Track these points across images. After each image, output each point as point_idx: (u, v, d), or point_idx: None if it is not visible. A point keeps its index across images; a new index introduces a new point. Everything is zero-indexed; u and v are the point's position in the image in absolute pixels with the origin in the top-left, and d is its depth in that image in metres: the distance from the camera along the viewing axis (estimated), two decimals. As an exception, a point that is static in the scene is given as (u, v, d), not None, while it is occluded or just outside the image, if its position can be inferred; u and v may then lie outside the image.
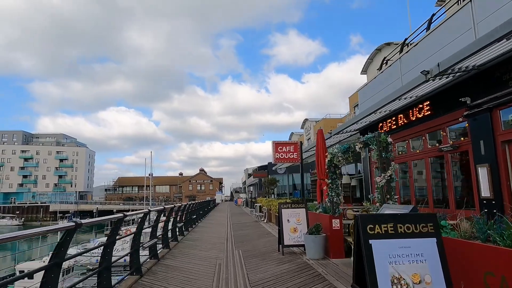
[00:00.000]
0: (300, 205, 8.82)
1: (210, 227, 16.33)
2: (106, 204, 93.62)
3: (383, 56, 30.16)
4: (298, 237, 8.48)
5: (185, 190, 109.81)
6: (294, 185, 39.65)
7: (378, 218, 3.06)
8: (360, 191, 23.72)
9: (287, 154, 12.83)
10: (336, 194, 7.95)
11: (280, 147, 12.88)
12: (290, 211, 8.73)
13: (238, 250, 9.26)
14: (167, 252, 8.92)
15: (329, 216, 7.93)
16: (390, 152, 5.84)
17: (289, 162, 12.94)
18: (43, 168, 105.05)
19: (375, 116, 11.68)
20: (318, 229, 7.95)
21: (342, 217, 8.03)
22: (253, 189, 60.36)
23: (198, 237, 12.13)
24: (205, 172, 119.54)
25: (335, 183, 8.03)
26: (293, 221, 8.63)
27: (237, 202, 55.39)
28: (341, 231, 7.85)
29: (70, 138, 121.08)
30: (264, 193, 32.25)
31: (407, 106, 10.17)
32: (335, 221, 7.84)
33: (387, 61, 14.39)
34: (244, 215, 26.32)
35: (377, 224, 2.94)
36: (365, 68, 33.83)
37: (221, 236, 12.68)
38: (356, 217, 3.05)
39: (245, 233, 13.41)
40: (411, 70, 10.37)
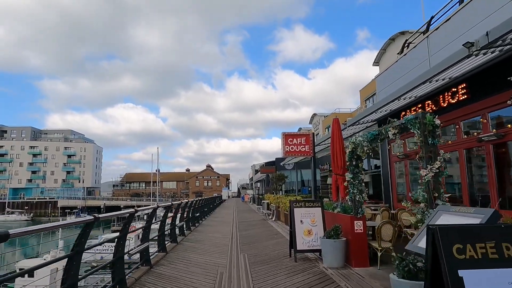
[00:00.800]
0: (315, 204, 7.63)
1: (215, 226, 15.23)
2: (113, 200, 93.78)
3: (397, 46, 28.72)
4: (313, 241, 7.31)
5: (192, 186, 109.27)
6: (302, 181, 38.45)
7: (470, 232, 1.83)
8: (373, 188, 22.44)
9: (298, 146, 11.64)
10: (358, 192, 6.74)
11: (291, 139, 11.69)
12: (304, 210, 7.55)
13: (243, 255, 8.11)
14: (163, 256, 7.82)
15: (350, 217, 6.74)
16: (438, 138, 4.61)
17: (300, 155, 11.76)
18: (51, 164, 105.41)
19: (397, 103, 10.40)
20: (338, 232, 6.76)
21: (365, 218, 6.82)
22: (260, 186, 59.32)
23: (200, 238, 11.03)
24: (212, 168, 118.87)
25: (357, 179, 6.82)
26: (307, 222, 7.46)
27: (244, 199, 54.38)
28: (364, 234, 6.66)
29: (78, 134, 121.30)
30: (272, 189, 31.11)
31: (437, 90, 8.88)
32: (357, 223, 6.65)
33: (409, 44, 13.05)
34: (251, 212, 25.22)
35: (469, 243, 1.73)
36: (378, 59, 32.35)
37: (225, 236, 11.56)
38: (432, 229, 1.83)
39: (252, 233, 12.28)
40: (443, 49, 9.07)
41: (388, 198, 12.23)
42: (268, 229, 13.51)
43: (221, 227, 14.77)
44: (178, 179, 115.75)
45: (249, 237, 11.31)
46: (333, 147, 10.01)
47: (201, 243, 9.96)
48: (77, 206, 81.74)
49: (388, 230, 6.50)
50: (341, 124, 13.69)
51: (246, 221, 17.38)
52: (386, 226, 6.51)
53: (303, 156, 11.54)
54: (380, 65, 31.95)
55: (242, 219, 18.61)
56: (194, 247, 9.26)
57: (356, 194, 6.73)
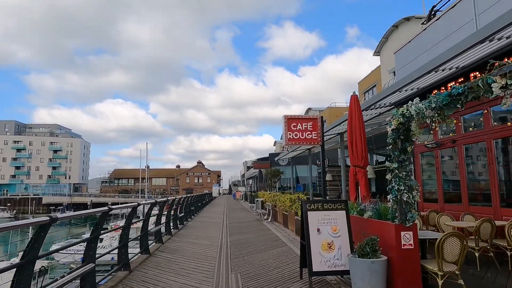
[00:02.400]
0: (337, 206, 5.42)
1: (201, 228, 12.97)
2: (101, 196, 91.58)
3: (401, 34, 26.67)
4: (335, 259, 5.11)
5: (182, 183, 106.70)
6: (297, 178, 36.42)
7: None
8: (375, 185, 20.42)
9: (304, 133, 9.47)
10: (407, 189, 4.56)
11: (294, 124, 9.49)
12: (322, 215, 5.34)
13: (235, 275, 5.88)
14: (121, 279, 5.54)
15: (394, 226, 4.56)
16: None
17: (307, 144, 9.57)
18: (36, 159, 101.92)
19: (430, 78, 8.26)
20: (375, 247, 4.59)
21: (417, 229, 4.63)
22: (252, 182, 57.25)
23: (180, 247, 8.76)
24: (203, 164, 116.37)
25: (404, 169, 4.62)
26: (327, 231, 5.26)
27: (235, 196, 52.17)
28: (416, 252, 4.49)
29: (64, 128, 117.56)
30: (266, 186, 28.94)
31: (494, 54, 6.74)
32: (406, 235, 4.48)
33: (435, 12, 10.91)
34: (243, 211, 22.99)
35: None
36: (379, 48, 30.32)
37: (212, 243, 9.32)
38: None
39: (246, 239, 10.06)
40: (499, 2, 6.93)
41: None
42: (265, 233, 11.30)
43: (209, 230, 12.52)
44: (168, 176, 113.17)
45: (242, 244, 9.09)
46: (351, 131, 7.85)
47: (181, 255, 7.70)
48: (62, 203, 79.35)
49: (454, 246, 4.34)
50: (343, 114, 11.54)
51: (238, 222, 15.15)
52: (451, 240, 4.34)
53: (309, 145, 9.39)
54: (381, 55, 29.96)
55: (234, 220, 16.38)
56: (170, 262, 6.99)
57: (404, 192, 4.54)
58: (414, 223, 4.53)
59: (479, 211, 7.28)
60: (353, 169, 7.66)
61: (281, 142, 70.28)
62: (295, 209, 11.10)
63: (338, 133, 13.77)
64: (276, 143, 71.42)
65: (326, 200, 5.48)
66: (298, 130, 9.54)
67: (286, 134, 9.44)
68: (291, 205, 11.85)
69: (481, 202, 7.60)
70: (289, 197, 12.57)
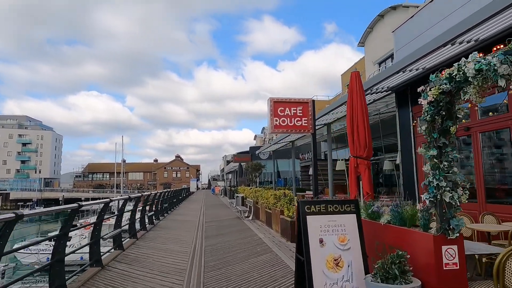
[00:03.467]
0: (345, 207, 4.05)
1: (174, 229, 11.42)
2: (73, 191, 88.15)
3: (385, 24, 25.71)
4: (345, 280, 3.75)
5: (160, 178, 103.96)
6: (278, 172, 35.30)
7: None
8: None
9: (292, 119, 8.09)
10: (451, 186, 3.24)
11: (281, 108, 8.09)
12: (326, 220, 3.96)
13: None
14: None
15: (433, 237, 3.24)
16: None
17: (296, 132, 8.19)
18: (3, 152, 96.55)
19: (438, 56, 7.06)
20: (403, 267, 3.26)
21: (463, 240, 3.32)
22: (232, 177, 55.81)
23: (143, 256, 7.22)
24: (182, 159, 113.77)
25: (447, 158, 3.29)
26: (333, 242, 3.89)
27: (214, 191, 50.60)
28: (462, 274, 3.19)
29: (34, 120, 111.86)
30: (247, 180, 27.58)
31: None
32: (449, 251, 3.17)
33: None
34: (222, 208, 21.53)
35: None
36: (363, 39, 29.30)
37: (185, 250, 7.83)
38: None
39: (224, 244, 8.63)
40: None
41: (412, 193, 8.94)
42: (246, 234, 9.90)
43: (182, 230, 10.99)
44: (145, 170, 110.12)
45: (219, 251, 7.64)
46: (352, 116, 6.53)
47: (142, 267, 6.18)
48: (32, 199, 75.45)
49: (520, 267, 3.05)
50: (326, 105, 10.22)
51: (216, 221, 13.69)
52: (517, 258, 3.05)
53: (299, 134, 8.02)
54: (366, 46, 28.98)
55: (212, 218, 14.90)
56: (125, 279, 5.46)
57: (446, 189, 3.22)
58: (460, 233, 3.22)
59: (501, 210, 6.14)
60: (353, 160, 6.35)
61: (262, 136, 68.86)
62: (281, 207, 9.76)
63: (325, 124, 12.51)
64: (256, 137, 70.08)
65: (330, 200, 4.12)
66: (286, 115, 8.15)
67: (272, 120, 8.02)
68: (276, 202, 10.49)
69: (502, 199, 6.46)
70: (273, 193, 11.21)
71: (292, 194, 10.12)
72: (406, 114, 9.21)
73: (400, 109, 9.59)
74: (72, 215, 4.74)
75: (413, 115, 9.01)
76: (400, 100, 9.54)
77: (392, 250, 3.68)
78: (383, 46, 24.41)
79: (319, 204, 4.04)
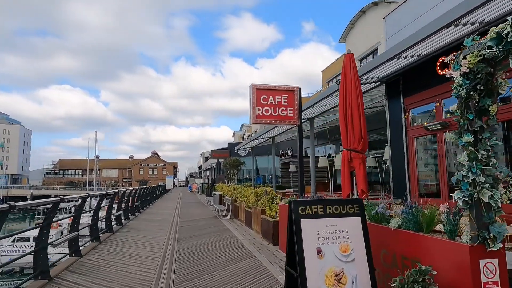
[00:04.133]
0: (347, 209, 3.27)
1: (143, 231, 10.40)
2: (43, 189, 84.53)
3: (367, 20, 25.40)
4: (349, 301, 2.98)
5: (136, 174, 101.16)
6: (257, 169, 34.59)
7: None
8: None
9: (277, 109, 7.28)
10: (490, 181, 2.51)
11: (265, 96, 7.26)
12: (324, 224, 3.16)
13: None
14: None
15: (469, 248, 2.50)
16: None
17: (280, 123, 7.36)
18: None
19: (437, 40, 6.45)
20: (427, 285, 2.50)
21: (504, 250, 2.60)
22: (209, 174, 54.66)
23: (104, 263, 6.22)
24: (158, 155, 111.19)
25: (485, 146, 2.56)
26: (333, 253, 3.10)
27: (191, 188, 49.32)
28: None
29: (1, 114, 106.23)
30: (226, 177, 26.70)
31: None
32: (488, 265, 2.44)
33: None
34: (199, 206, 20.54)
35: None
36: (345, 35, 28.96)
37: (153, 255, 6.89)
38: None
39: (199, 247, 7.73)
40: None
41: (402, 191, 8.35)
42: (224, 235, 9.04)
43: (154, 232, 10.00)
44: (120, 167, 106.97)
45: (193, 256, 6.75)
46: (346, 103, 5.78)
47: (100, 278, 5.20)
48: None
49: None
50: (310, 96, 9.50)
51: (192, 221, 12.74)
52: None
53: (284, 125, 7.17)
54: (347, 42, 28.65)
55: (187, 217, 13.93)
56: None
57: (484, 186, 2.49)
58: (502, 244, 2.49)
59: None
60: (346, 154, 5.61)
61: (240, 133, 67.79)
62: (262, 206, 8.96)
63: (308, 118, 11.82)
64: (235, 134, 69.08)
65: (330, 200, 3.34)
66: (269, 104, 7.31)
67: (254, 109, 7.17)
68: (256, 201, 9.69)
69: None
70: (254, 191, 10.39)
71: (274, 192, 9.34)
72: (397, 106, 8.60)
73: (391, 101, 8.98)
74: (3, 217, 3.88)
75: (405, 107, 8.41)
76: (390, 92, 8.93)
77: (405, 261, 2.93)
78: (365, 42, 24.04)
79: (316, 204, 3.24)
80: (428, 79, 7.62)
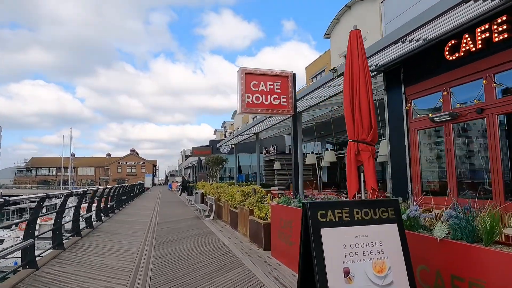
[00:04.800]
0: (380, 213, 2.45)
1: (116, 235, 9.34)
2: (14, 188, 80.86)
3: (353, 15, 24.94)
4: None
5: (113, 173, 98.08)
6: (239, 167, 33.77)
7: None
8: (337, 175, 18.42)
9: (269, 96, 6.43)
10: None
11: (255, 82, 6.37)
12: (351, 234, 2.34)
13: None
14: None
15: None
16: None
17: (272, 112, 6.50)
18: None
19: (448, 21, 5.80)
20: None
21: None
22: (190, 172, 53.40)
23: (61, 281, 5.19)
24: (137, 153, 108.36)
25: None
26: (365, 273, 2.28)
27: (171, 187, 47.89)
28: None
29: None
30: (207, 175, 25.70)
31: None
32: None
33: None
34: (179, 205, 19.48)
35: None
36: (330, 31, 28.48)
37: (125, 266, 5.91)
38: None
39: (180, 253, 6.80)
40: None
41: (403, 189, 7.68)
42: (208, 239, 8.12)
43: (128, 236, 8.97)
44: (97, 165, 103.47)
45: (173, 265, 5.82)
46: (352, 87, 4.99)
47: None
48: (-38, 196, 67.66)
49: None
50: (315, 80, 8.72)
51: (171, 222, 11.74)
52: None
53: (277, 115, 6.28)
54: (332, 37, 28.20)
55: (166, 218, 12.90)
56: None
57: None
58: None
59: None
60: (353, 146, 4.81)
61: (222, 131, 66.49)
62: (250, 206, 8.11)
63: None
64: (216, 132, 67.87)
65: (356, 202, 2.52)
66: (260, 91, 6.46)
67: (243, 97, 6.30)
68: (243, 200, 8.83)
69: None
70: (240, 189, 9.52)
71: (264, 191, 8.50)
72: (398, 97, 7.91)
73: (390, 92, 8.29)
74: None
75: (406, 97, 7.73)
76: (390, 81, 8.23)
77: (458, 282, 2.14)
78: (351, 37, 23.38)
79: (340, 207, 2.40)
80: (434, 66, 6.96)
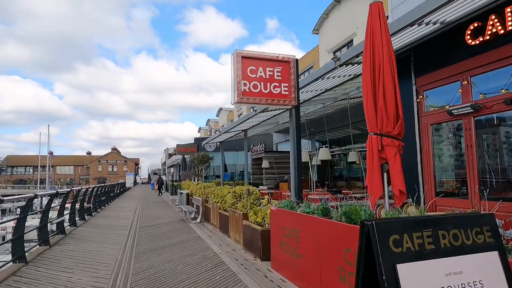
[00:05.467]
0: (473, 235, 1.62)
1: (91, 243, 8.28)
2: (-14, 187, 77.54)
3: (342, 10, 24.32)
4: None
5: (94, 172, 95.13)
6: (225, 166, 32.82)
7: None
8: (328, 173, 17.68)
9: (268, 84, 5.56)
10: None
11: (253, 67, 5.50)
12: (439, 271, 1.49)
13: None
14: None
15: None
16: None
17: (272, 103, 5.62)
18: None
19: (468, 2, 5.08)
20: None
21: None
22: (174, 171, 51.94)
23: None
24: (119, 151, 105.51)
25: None
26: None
27: (154, 186, 46.41)
28: None
29: None
30: (192, 174, 24.62)
31: None
32: None
33: None
34: (163, 206, 18.38)
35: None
36: (318, 26, 27.79)
37: (97, 286, 4.93)
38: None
39: (164, 267, 5.85)
40: None
41: (411, 189, 6.96)
42: (196, 246, 7.19)
43: (105, 244, 7.93)
44: (76, 164, 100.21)
45: (156, 282, 4.88)
46: (373, 69, 4.17)
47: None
48: None
49: None
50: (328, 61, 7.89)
51: (154, 226, 10.72)
52: None
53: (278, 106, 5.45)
54: (321, 33, 27.53)
55: (149, 221, 11.86)
56: None
57: None
58: None
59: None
60: (376, 140, 4.00)
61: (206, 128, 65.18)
62: (243, 209, 7.22)
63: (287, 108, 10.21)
64: (200, 130, 66.47)
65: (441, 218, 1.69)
66: (259, 78, 5.57)
67: (239, 84, 5.40)
68: (235, 202, 7.94)
69: None
70: (231, 190, 8.61)
71: (259, 192, 7.63)
72: (408, 88, 7.19)
73: (398, 82, 7.55)
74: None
75: (417, 88, 7.01)
76: (398, 71, 7.48)
77: None
78: (340, 33, 22.86)
79: (418, 228, 1.54)
80: (450, 53, 6.26)
